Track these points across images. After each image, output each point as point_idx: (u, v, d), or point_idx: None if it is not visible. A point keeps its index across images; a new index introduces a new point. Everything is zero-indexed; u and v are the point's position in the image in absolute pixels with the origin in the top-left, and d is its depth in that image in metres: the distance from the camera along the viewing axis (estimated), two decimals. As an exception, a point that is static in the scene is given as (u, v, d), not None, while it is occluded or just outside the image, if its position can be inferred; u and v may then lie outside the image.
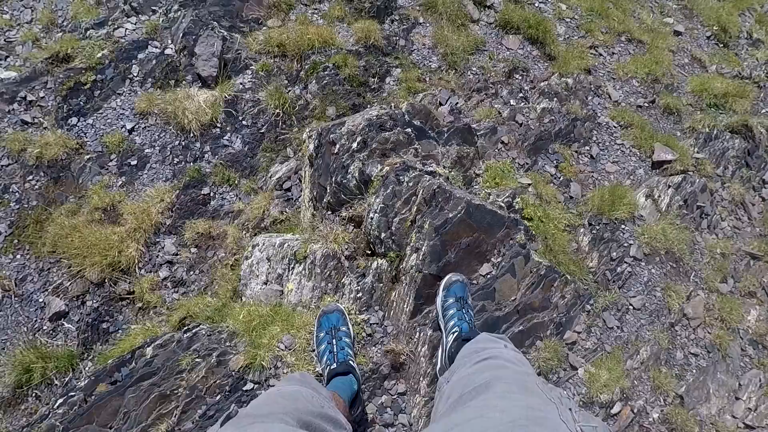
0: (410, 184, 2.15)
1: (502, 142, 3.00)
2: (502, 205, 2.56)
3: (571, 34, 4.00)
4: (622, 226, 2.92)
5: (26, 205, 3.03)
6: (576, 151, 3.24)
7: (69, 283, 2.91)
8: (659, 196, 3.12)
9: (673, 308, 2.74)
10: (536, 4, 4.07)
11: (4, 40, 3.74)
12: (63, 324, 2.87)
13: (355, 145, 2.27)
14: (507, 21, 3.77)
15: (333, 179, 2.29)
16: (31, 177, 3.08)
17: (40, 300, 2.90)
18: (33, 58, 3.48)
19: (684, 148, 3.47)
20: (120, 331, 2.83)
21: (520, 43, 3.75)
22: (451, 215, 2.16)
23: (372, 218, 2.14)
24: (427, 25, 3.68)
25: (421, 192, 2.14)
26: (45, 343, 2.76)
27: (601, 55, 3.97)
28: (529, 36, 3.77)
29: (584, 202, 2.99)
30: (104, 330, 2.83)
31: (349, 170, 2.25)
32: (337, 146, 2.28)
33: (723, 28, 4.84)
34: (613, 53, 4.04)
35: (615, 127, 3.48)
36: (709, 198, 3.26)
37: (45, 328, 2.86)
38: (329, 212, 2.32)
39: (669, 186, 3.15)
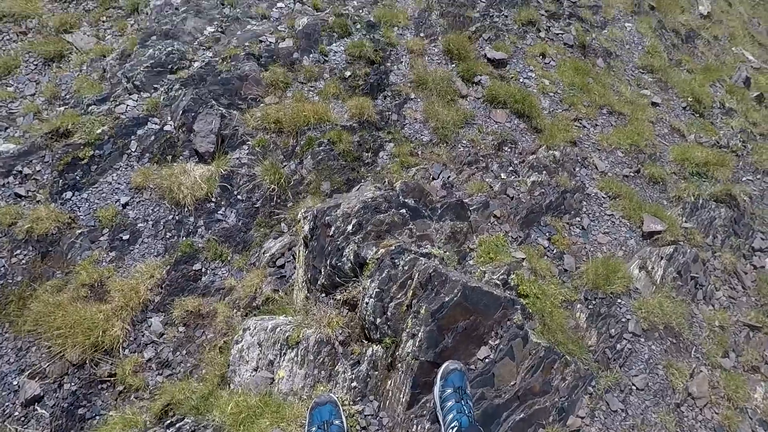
0: (405, 267, 2.14)
1: (495, 216, 3.04)
2: (498, 282, 2.54)
3: (555, 108, 4.19)
4: (619, 301, 2.90)
5: (11, 281, 2.95)
6: (567, 223, 3.28)
7: (47, 364, 2.77)
8: (653, 268, 3.13)
9: (677, 387, 2.66)
10: (521, 80, 4.29)
11: (6, 112, 3.82)
12: (36, 409, 2.70)
13: (350, 227, 2.27)
14: (494, 96, 3.96)
15: (328, 262, 2.27)
16: (18, 251, 3.02)
17: (15, 383, 2.75)
18: (33, 131, 3.53)
19: (672, 218, 3.54)
20: (97, 417, 2.66)
21: (508, 116, 3.92)
22: (447, 299, 2.13)
23: (367, 303, 2.10)
24: (419, 100, 3.85)
25: (416, 276, 2.13)
26: (15, 431, 2.58)
27: (585, 127, 4.14)
28: (516, 110, 3.94)
29: (579, 275, 2.98)
30: (80, 416, 2.66)
31: (344, 253, 2.24)
32: (333, 228, 2.28)
33: (697, 99, 5.13)
34: (597, 125, 4.22)
35: (604, 197, 3.56)
36: (701, 268, 3.28)
37: (16, 413, 2.69)
38: (323, 295, 2.28)
39: (661, 257, 3.17)
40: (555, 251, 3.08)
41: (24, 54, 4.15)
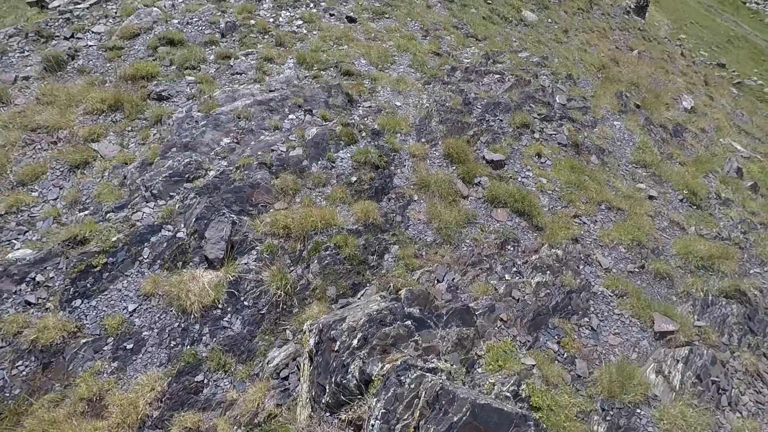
0: (412, 385, 2.09)
1: (501, 320, 3.01)
2: (508, 395, 2.45)
3: (554, 205, 4.34)
4: (638, 411, 2.75)
5: (8, 395, 2.88)
6: (576, 324, 3.23)
7: (32, 492, 2.60)
8: (670, 372, 3.01)
9: None
10: (519, 179, 4.49)
11: (28, 215, 4.00)
12: None
13: (355, 342, 2.26)
14: (494, 196, 4.12)
15: (333, 379, 2.22)
16: (20, 362, 2.98)
17: None
18: (50, 236, 3.67)
19: (683, 316, 3.47)
20: None
21: (509, 215, 4.04)
22: (455, 419, 2.05)
23: (373, 425, 2.02)
24: (422, 201, 4.01)
25: (423, 394, 2.06)
26: None
27: (585, 223, 4.24)
28: (516, 209, 4.07)
29: (593, 382, 2.86)
30: None
31: (349, 369, 2.20)
32: (338, 343, 2.27)
33: (692, 191, 5.29)
34: (596, 221, 4.33)
35: (610, 296, 3.54)
36: (721, 370, 3.14)
37: None
38: (328, 414, 2.20)
39: (677, 360, 3.06)
40: (566, 355, 3.00)
41: (51, 161, 4.44)
